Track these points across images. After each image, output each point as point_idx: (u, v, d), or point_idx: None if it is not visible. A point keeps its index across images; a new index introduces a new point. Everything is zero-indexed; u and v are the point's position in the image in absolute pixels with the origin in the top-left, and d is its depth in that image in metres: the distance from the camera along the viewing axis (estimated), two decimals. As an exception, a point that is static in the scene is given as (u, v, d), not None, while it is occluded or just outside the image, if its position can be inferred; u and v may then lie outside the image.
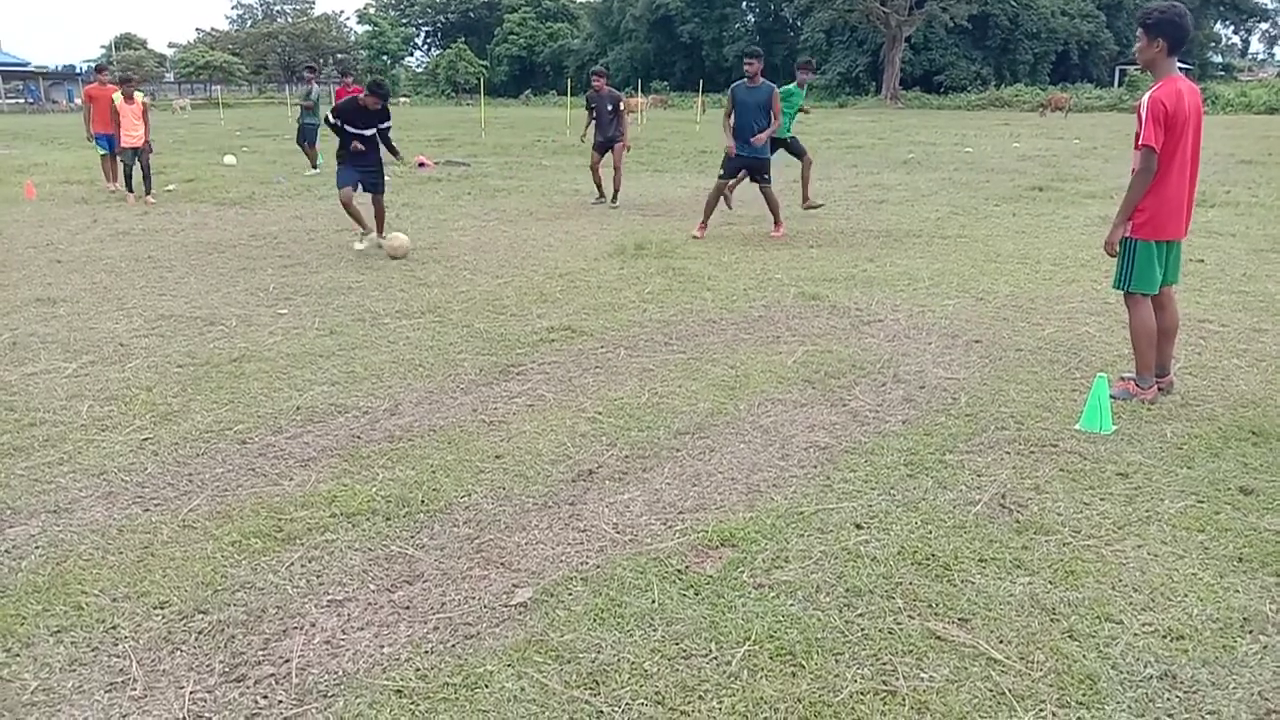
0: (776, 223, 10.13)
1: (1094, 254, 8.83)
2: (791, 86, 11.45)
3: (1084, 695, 2.56)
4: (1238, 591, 3.07)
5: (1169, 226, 4.71)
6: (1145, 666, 2.68)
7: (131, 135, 12.87)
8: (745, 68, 9.72)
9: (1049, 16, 58.12)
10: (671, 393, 5.03)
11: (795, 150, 11.48)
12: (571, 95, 43.78)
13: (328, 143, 18.12)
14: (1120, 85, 53.37)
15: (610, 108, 12.72)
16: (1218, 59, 71.92)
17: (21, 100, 58.49)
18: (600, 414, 4.72)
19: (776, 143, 10.58)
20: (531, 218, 11.61)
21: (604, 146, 12.71)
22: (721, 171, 10.00)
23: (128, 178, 13.11)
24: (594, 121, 12.82)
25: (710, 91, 49.82)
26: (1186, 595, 3.04)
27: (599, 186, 12.93)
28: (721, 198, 10.35)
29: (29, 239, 10.05)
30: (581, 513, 3.66)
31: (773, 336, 6.12)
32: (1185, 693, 2.57)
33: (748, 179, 10.16)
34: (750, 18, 72.05)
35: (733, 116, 9.75)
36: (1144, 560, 3.27)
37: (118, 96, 12.97)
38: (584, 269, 8.34)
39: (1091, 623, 2.89)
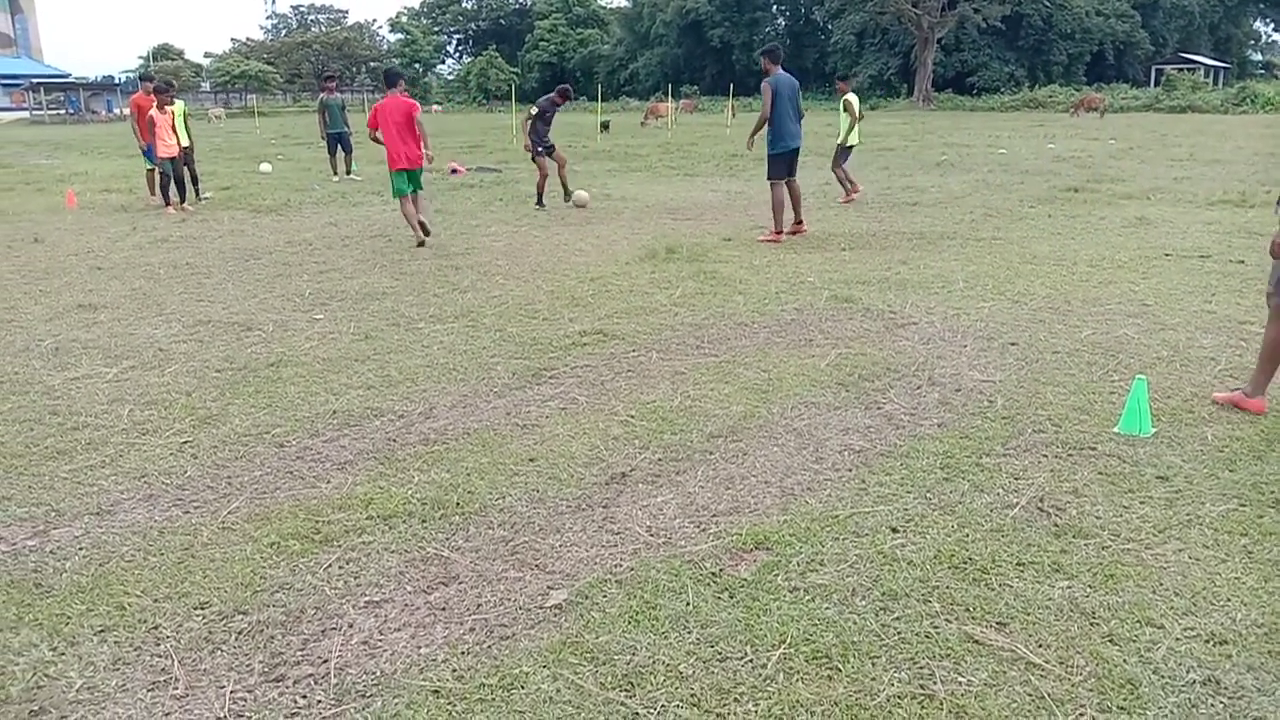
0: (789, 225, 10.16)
1: (1131, 255, 8.73)
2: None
3: (1125, 700, 2.53)
4: (1283, 596, 3.01)
5: None
6: (1188, 671, 2.64)
7: (167, 145, 12.99)
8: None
9: (1083, 16, 57.49)
10: (704, 396, 5.03)
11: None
12: (602, 101, 43.90)
13: (364, 149, 18.29)
14: (1157, 85, 52.71)
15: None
16: (1257, 56, 70.89)
17: (62, 111, 59.52)
18: (633, 417, 4.72)
19: None
20: (562, 223, 11.65)
21: (549, 152, 12.93)
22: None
23: (164, 188, 13.23)
24: (542, 129, 12.83)
25: (740, 95, 49.74)
26: (1230, 600, 3.00)
27: (543, 194, 13.12)
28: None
29: (70, 246, 10.23)
30: (615, 515, 3.66)
31: (805, 339, 6.10)
32: (1230, 698, 2.53)
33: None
34: (781, 21, 71.97)
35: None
36: (1185, 564, 3.22)
37: (154, 109, 13.11)
38: (615, 273, 8.35)
39: (1132, 627, 2.85)
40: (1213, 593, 3.04)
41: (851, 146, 13.23)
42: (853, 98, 13.20)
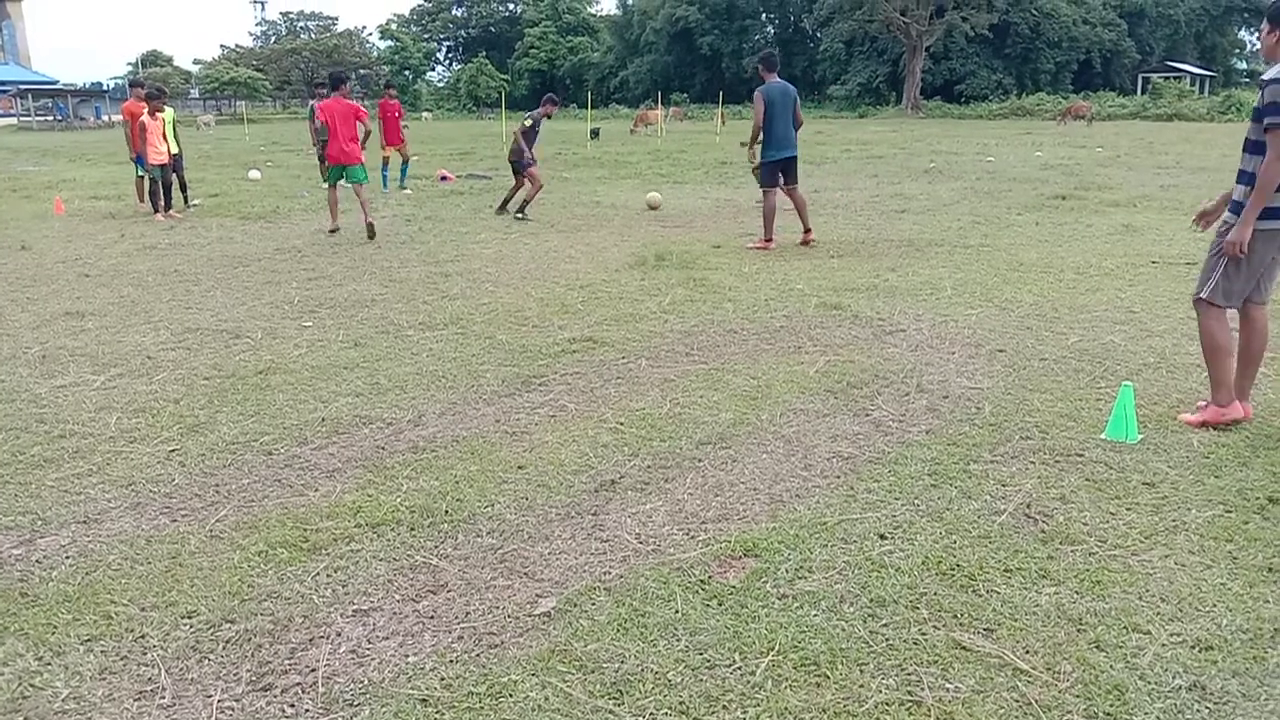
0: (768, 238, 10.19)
1: (1118, 263, 8.78)
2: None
3: (1111, 706, 2.54)
4: (1268, 602, 3.03)
5: None
6: (1174, 677, 2.65)
7: (158, 151, 12.97)
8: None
9: (1070, 25, 57.87)
10: (693, 403, 5.04)
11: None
12: (592, 108, 43.94)
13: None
14: (1143, 93, 53.05)
15: None
16: (1242, 65, 71.38)
17: (50, 118, 59.29)
18: (622, 424, 4.73)
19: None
20: (552, 229, 11.66)
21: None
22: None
23: (154, 195, 13.17)
24: (532, 139, 12.85)
25: (730, 103, 49.85)
26: (1215, 605, 3.01)
27: (527, 204, 13.02)
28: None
29: (58, 254, 10.19)
30: (604, 523, 3.67)
31: (794, 347, 6.12)
32: (1215, 704, 2.55)
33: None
34: (770, 29, 72.21)
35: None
36: (1171, 570, 3.24)
37: (145, 114, 13.09)
38: (605, 280, 8.36)
39: (1118, 633, 2.86)
40: (1198, 599, 3.06)
41: None
42: None
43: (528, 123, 12.88)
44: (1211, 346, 4.57)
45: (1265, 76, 4.36)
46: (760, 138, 9.96)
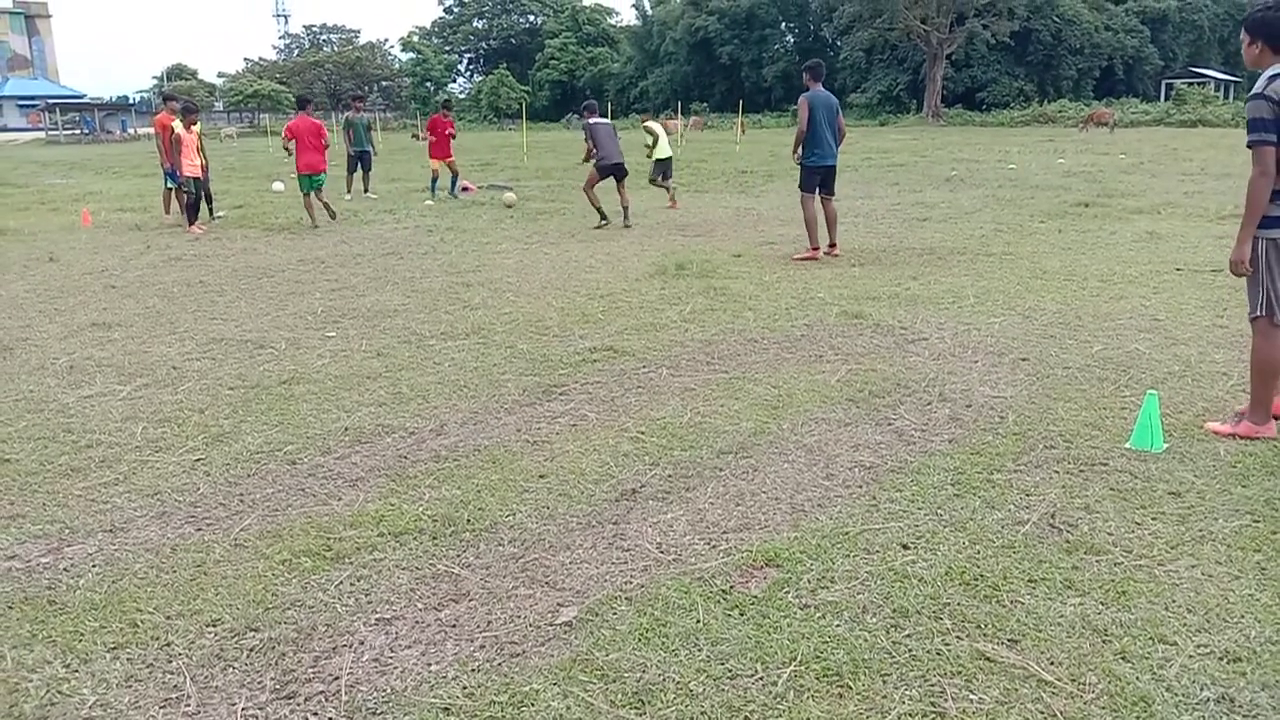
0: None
1: (1142, 270, 8.71)
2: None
3: (1138, 718, 2.51)
4: (1297, 613, 2.99)
5: None
6: (1201, 689, 2.62)
7: (192, 164, 13.08)
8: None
9: (1092, 32, 57.50)
10: (714, 412, 5.03)
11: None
12: (613, 119, 44.07)
13: (377, 168, 18.39)
14: (1167, 99, 52.64)
15: None
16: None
17: (77, 131, 60.07)
18: (643, 433, 4.73)
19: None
20: (573, 239, 11.69)
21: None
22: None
23: (190, 207, 13.20)
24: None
25: (750, 112, 49.85)
26: (1243, 616, 2.98)
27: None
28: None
29: (85, 265, 10.32)
30: (625, 532, 3.67)
31: (815, 355, 6.10)
32: (1244, 716, 2.52)
33: None
34: (789, 38, 72.12)
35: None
36: (1198, 581, 3.20)
37: (177, 125, 13.20)
38: (625, 289, 8.38)
39: (1145, 644, 2.83)
40: (1226, 609, 3.02)
41: (663, 160, 15.22)
42: (654, 125, 15.76)
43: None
44: (1263, 366, 4.49)
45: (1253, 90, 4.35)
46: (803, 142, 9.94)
